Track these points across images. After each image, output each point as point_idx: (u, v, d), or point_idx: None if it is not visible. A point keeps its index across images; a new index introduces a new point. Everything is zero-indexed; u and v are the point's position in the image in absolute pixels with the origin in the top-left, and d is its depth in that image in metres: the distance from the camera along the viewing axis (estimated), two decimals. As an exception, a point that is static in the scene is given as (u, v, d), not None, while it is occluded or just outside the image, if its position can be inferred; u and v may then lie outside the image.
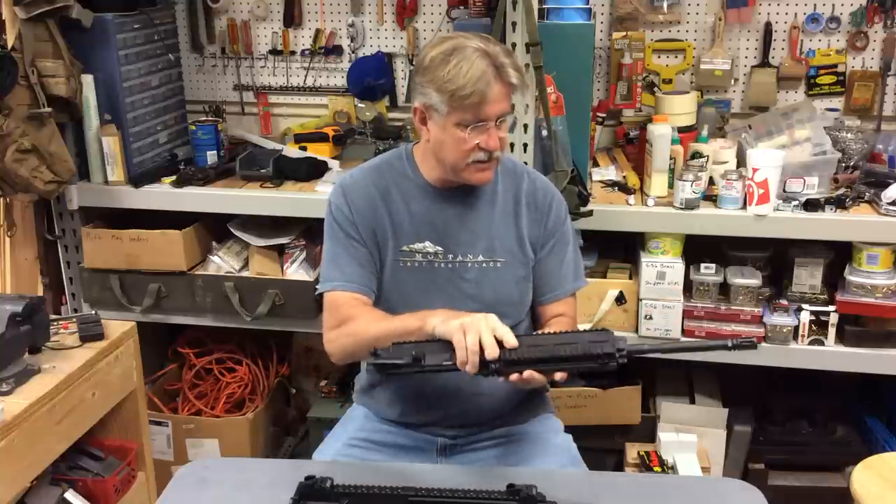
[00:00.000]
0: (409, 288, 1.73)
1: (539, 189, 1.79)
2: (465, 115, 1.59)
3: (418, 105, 1.67)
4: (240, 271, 2.67)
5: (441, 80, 1.58)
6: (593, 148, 2.72)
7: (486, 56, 1.58)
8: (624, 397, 2.62)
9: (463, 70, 1.56)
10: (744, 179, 2.31)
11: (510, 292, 1.76)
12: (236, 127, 3.03)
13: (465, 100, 1.57)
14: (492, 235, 1.74)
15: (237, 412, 2.85)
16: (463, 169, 1.65)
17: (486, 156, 1.63)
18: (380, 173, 1.77)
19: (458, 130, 1.61)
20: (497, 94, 1.59)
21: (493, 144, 1.62)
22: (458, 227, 1.73)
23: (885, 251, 2.30)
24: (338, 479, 1.46)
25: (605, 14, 2.77)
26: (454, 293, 1.73)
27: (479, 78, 1.56)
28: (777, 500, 2.20)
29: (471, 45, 1.59)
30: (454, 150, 1.63)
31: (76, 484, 2.15)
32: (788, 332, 2.38)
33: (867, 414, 2.69)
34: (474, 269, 1.73)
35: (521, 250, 1.76)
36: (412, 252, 1.73)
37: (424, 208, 1.73)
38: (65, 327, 2.21)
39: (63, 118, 2.55)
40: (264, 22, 3.00)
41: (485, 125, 1.60)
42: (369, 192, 1.74)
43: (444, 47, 1.60)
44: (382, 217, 1.73)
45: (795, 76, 2.70)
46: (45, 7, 2.38)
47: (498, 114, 1.61)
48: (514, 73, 1.60)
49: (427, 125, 1.67)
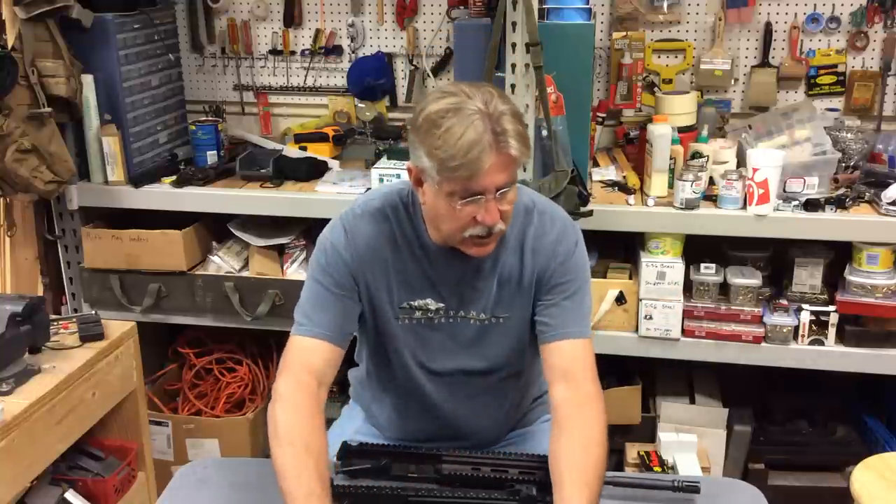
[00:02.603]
0: (406, 345, 1.64)
1: (549, 230, 1.61)
2: (455, 186, 1.39)
3: (412, 166, 1.48)
4: (240, 271, 2.67)
5: (432, 144, 1.38)
6: (593, 148, 2.71)
7: (486, 119, 1.36)
8: (624, 397, 2.61)
9: (454, 136, 1.35)
10: (744, 179, 2.31)
11: (512, 345, 1.65)
12: (236, 127, 3.03)
13: (455, 172, 1.37)
14: (497, 292, 1.60)
15: (237, 412, 2.85)
16: (460, 242, 1.49)
17: (485, 231, 1.45)
18: (386, 220, 1.59)
19: (450, 200, 1.42)
20: (493, 165, 1.37)
21: (490, 220, 1.43)
22: (461, 286, 1.60)
23: (885, 251, 2.30)
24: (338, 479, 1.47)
25: (605, 14, 2.77)
26: (454, 348, 1.64)
27: (470, 147, 1.35)
28: (777, 500, 2.20)
29: (470, 105, 1.37)
30: (448, 221, 1.46)
31: (76, 484, 2.15)
32: (788, 332, 2.38)
33: (867, 414, 2.68)
34: (475, 325, 1.62)
35: (526, 300, 1.61)
36: (412, 309, 1.60)
37: (427, 266, 1.59)
38: (65, 327, 2.21)
39: (63, 118, 2.55)
40: (264, 22, 2.99)
41: (481, 199, 1.41)
42: (375, 242, 1.58)
43: (441, 105, 1.39)
44: (384, 268, 1.59)
45: (795, 76, 2.70)
46: (45, 7, 2.38)
47: (496, 186, 1.40)
48: (515, 143, 1.38)
49: (422, 187, 1.48)
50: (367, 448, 1.57)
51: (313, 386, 1.51)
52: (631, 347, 2.48)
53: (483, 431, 1.73)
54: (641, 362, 2.62)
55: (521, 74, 2.24)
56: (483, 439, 1.74)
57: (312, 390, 1.51)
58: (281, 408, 1.48)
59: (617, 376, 2.68)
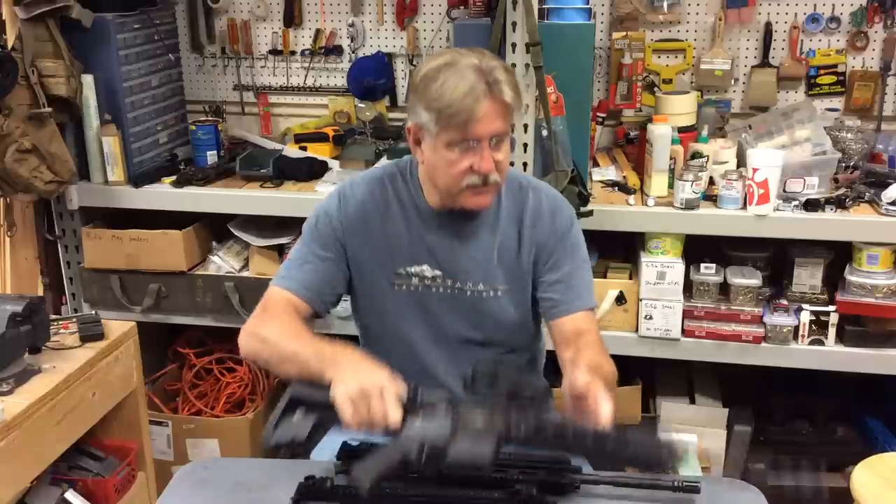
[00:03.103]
0: (404, 312, 1.66)
1: (545, 204, 1.66)
2: (453, 134, 1.47)
3: (411, 125, 1.55)
4: (240, 271, 2.68)
5: (429, 97, 1.47)
6: (593, 148, 2.71)
7: (479, 72, 1.45)
8: (624, 397, 2.61)
9: (450, 87, 1.44)
10: (744, 179, 2.31)
11: (510, 320, 1.68)
12: (236, 127, 3.03)
13: (452, 118, 1.45)
14: (493, 262, 1.64)
15: (237, 412, 2.85)
16: (457, 193, 1.54)
17: (481, 179, 1.51)
18: (382, 186, 1.66)
19: (447, 152, 1.49)
20: (488, 111, 1.45)
21: (485, 167, 1.49)
22: (458, 253, 1.64)
23: (885, 251, 2.30)
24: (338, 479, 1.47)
25: (605, 14, 2.77)
26: (453, 320, 1.66)
27: (466, 94, 1.44)
28: (777, 500, 2.20)
29: (464, 60, 1.47)
30: (446, 173, 1.52)
31: (76, 484, 2.15)
32: (788, 332, 2.38)
33: (867, 414, 2.69)
34: (472, 297, 1.64)
35: (524, 274, 1.66)
36: (409, 275, 1.64)
37: (424, 231, 1.63)
38: (65, 327, 2.22)
39: (63, 118, 2.55)
40: (264, 22, 3.00)
41: (476, 146, 1.48)
42: (367, 207, 1.65)
43: (437, 63, 1.49)
44: (378, 235, 1.64)
45: (795, 76, 2.70)
46: (45, 7, 2.38)
47: (490, 133, 1.48)
48: (508, 90, 1.47)
49: (421, 146, 1.56)
50: (367, 448, 1.57)
51: (291, 311, 1.59)
52: (631, 347, 2.48)
53: None
54: (641, 362, 2.62)
55: (521, 74, 2.24)
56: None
57: (291, 311, 1.59)
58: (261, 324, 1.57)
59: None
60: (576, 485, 1.46)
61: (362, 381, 1.30)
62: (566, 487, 1.46)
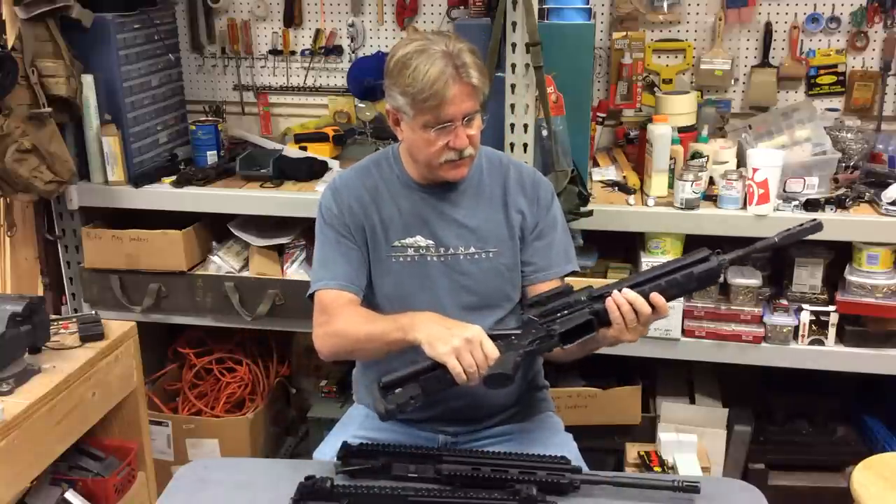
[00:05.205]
0: (403, 283, 1.75)
1: (526, 176, 1.81)
2: (427, 117, 1.61)
3: (389, 107, 1.69)
4: (240, 271, 2.68)
5: (403, 83, 1.60)
6: (593, 148, 2.72)
7: (447, 57, 1.58)
8: (624, 397, 2.61)
9: (421, 73, 1.57)
10: (744, 179, 2.31)
11: (503, 282, 1.77)
12: (236, 127, 3.03)
13: (425, 103, 1.59)
14: (481, 227, 1.75)
15: (237, 412, 2.85)
16: (437, 168, 1.68)
17: (457, 154, 1.65)
18: (368, 173, 1.80)
19: (424, 132, 1.63)
20: (457, 94, 1.59)
21: (460, 143, 1.63)
22: (447, 221, 1.75)
23: (885, 251, 2.30)
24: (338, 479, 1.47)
25: (605, 14, 2.77)
26: (449, 286, 1.74)
27: (436, 80, 1.57)
28: (777, 500, 2.20)
29: (433, 46, 1.60)
30: (424, 151, 1.66)
31: (76, 484, 2.15)
32: (788, 332, 2.38)
33: (867, 414, 2.69)
34: (467, 260, 1.75)
35: (511, 239, 1.77)
36: (404, 247, 1.75)
37: (412, 204, 1.75)
38: (65, 327, 2.22)
39: (63, 118, 2.55)
40: (264, 22, 3.00)
41: (450, 126, 1.62)
42: (358, 191, 1.77)
43: (407, 50, 1.62)
44: (372, 215, 1.75)
45: (795, 76, 2.70)
46: (45, 7, 2.38)
47: (462, 113, 1.61)
48: (475, 73, 1.60)
49: (400, 126, 1.69)
50: (367, 448, 1.57)
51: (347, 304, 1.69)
52: (631, 347, 2.45)
53: (490, 395, 1.71)
54: (641, 362, 2.62)
55: (521, 74, 2.24)
56: (484, 399, 1.75)
57: (347, 304, 1.69)
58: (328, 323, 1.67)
59: (617, 376, 2.68)
60: (576, 485, 1.47)
61: (461, 333, 1.45)
62: (566, 487, 1.46)
